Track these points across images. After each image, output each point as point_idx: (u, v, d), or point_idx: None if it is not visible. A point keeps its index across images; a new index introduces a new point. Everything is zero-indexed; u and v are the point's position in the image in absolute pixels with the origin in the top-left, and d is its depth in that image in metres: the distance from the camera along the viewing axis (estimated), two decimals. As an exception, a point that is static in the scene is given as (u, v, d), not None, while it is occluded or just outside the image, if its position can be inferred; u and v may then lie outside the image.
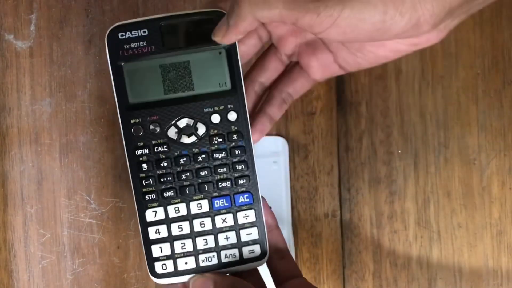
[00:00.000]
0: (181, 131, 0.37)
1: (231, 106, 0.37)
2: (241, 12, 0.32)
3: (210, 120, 0.37)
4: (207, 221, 0.38)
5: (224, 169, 0.38)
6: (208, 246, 0.38)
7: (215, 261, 0.38)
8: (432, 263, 0.52)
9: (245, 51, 0.38)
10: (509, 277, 0.52)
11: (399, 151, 0.52)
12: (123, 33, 0.36)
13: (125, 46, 0.36)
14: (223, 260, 0.38)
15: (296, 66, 0.40)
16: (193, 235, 0.38)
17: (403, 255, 0.52)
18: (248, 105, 0.39)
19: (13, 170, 0.50)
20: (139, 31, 0.36)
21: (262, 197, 0.39)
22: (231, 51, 0.37)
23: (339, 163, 0.52)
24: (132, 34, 0.36)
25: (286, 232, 0.51)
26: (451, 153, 0.52)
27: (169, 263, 0.38)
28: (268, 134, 0.41)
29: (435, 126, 0.52)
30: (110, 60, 0.37)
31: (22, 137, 0.50)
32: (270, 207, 0.41)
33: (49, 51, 0.50)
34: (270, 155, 0.51)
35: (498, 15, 0.52)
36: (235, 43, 0.37)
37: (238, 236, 0.38)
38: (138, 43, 0.36)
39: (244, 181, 0.38)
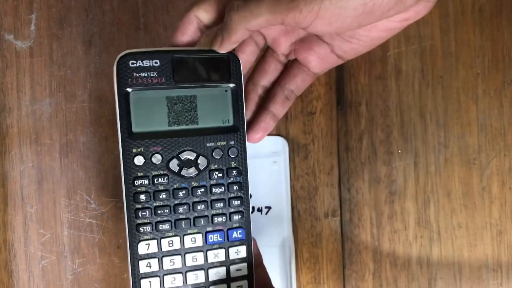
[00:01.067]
0: (182, 164, 0.37)
1: (233, 142, 0.38)
2: (232, 25, 0.35)
3: (212, 155, 0.38)
4: (200, 256, 0.38)
5: (220, 204, 0.38)
6: (198, 281, 0.38)
7: None
8: (432, 263, 0.52)
9: (246, 59, 0.40)
10: (509, 277, 0.52)
11: (399, 151, 0.52)
12: (135, 61, 0.36)
13: (134, 74, 0.36)
14: None
15: (296, 63, 0.41)
16: (184, 270, 0.38)
17: (403, 255, 0.52)
18: (251, 107, 0.39)
19: (13, 170, 0.50)
20: (151, 61, 0.36)
21: (253, 237, 0.39)
22: (236, 90, 0.38)
23: (339, 163, 0.52)
24: (143, 64, 0.36)
25: (286, 232, 0.51)
26: (451, 153, 0.52)
27: None
28: (268, 134, 0.41)
29: (435, 126, 0.52)
30: (117, 85, 0.36)
31: (22, 137, 0.50)
32: (269, 208, 0.41)
33: (49, 51, 0.50)
34: (270, 155, 0.51)
35: (498, 15, 0.52)
36: (241, 83, 0.38)
37: (228, 272, 0.38)
38: (148, 72, 0.36)
39: (239, 217, 0.38)
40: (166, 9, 0.51)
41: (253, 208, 0.50)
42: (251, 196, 0.40)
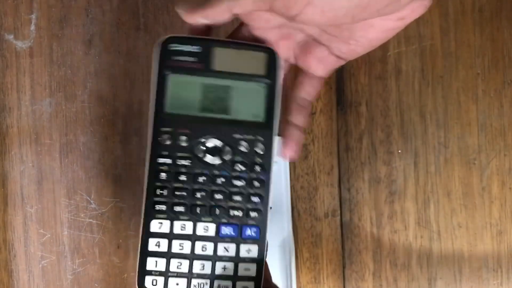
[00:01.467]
0: (207, 150, 0.37)
1: (261, 138, 0.38)
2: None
3: (238, 147, 0.37)
4: (210, 246, 0.37)
5: (239, 198, 0.37)
6: (204, 272, 0.37)
7: None
8: (432, 263, 0.52)
9: None
10: (509, 277, 0.52)
11: (399, 151, 0.52)
12: (177, 45, 0.37)
13: (175, 58, 0.37)
14: None
15: (299, 70, 0.40)
16: (191, 257, 0.37)
17: (403, 255, 0.52)
18: None
19: (13, 170, 0.50)
20: (192, 47, 0.37)
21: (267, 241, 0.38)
22: (273, 87, 0.38)
23: (339, 163, 0.52)
24: (185, 48, 0.37)
25: (286, 232, 0.51)
26: (451, 153, 0.52)
27: (160, 280, 0.37)
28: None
29: (435, 126, 0.52)
30: (159, 66, 0.37)
31: (22, 137, 0.50)
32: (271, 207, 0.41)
33: (49, 51, 0.50)
34: (270, 155, 0.51)
35: (498, 15, 0.52)
36: (278, 81, 0.38)
37: (235, 269, 0.37)
38: (188, 57, 0.37)
39: (256, 214, 0.38)
40: (166, 9, 0.51)
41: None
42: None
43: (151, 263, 0.37)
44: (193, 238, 0.37)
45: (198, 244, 0.37)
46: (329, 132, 0.52)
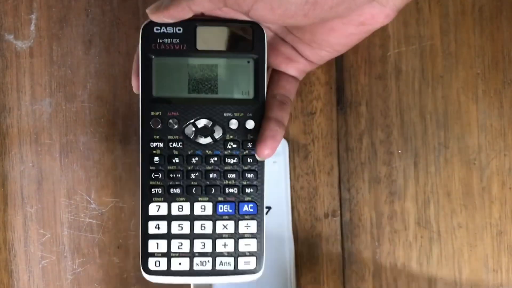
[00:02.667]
0: (198, 131, 0.37)
1: (250, 114, 0.38)
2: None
3: (228, 125, 0.38)
4: (208, 225, 0.38)
5: (233, 175, 0.38)
6: (205, 250, 0.38)
7: (209, 266, 0.38)
8: (432, 263, 0.52)
9: None
10: (509, 277, 0.52)
11: (399, 151, 0.52)
12: (159, 28, 0.37)
13: (158, 40, 0.37)
14: (217, 267, 0.38)
15: (273, 70, 0.40)
16: (191, 237, 0.38)
17: (403, 255, 0.52)
18: None
19: (13, 170, 0.50)
20: (174, 28, 0.37)
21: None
22: (259, 61, 0.38)
23: (339, 163, 0.52)
24: (167, 30, 0.37)
25: (286, 232, 0.51)
26: (451, 153, 0.52)
27: (163, 261, 0.38)
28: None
29: (435, 126, 0.52)
30: (141, 51, 0.37)
31: (22, 137, 0.50)
32: (269, 208, 0.41)
33: (49, 51, 0.50)
34: (270, 155, 0.51)
35: (498, 15, 0.52)
36: (264, 54, 0.38)
37: (236, 245, 0.38)
38: (171, 39, 0.37)
39: (251, 190, 0.38)
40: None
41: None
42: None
43: (153, 246, 0.37)
44: (191, 218, 0.38)
45: (197, 224, 0.38)
46: (329, 132, 0.52)
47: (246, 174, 0.38)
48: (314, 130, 0.52)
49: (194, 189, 0.38)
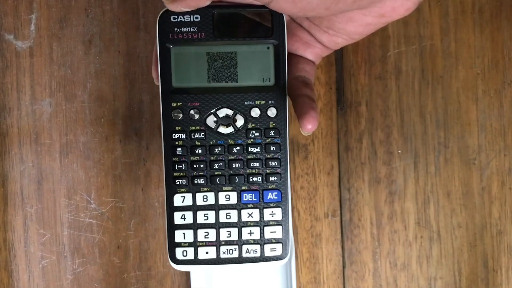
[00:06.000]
0: (219, 121, 0.37)
1: (272, 102, 0.37)
2: None
3: (250, 113, 0.37)
4: (233, 213, 0.38)
5: (256, 164, 0.38)
6: (231, 238, 0.38)
7: (236, 254, 0.38)
8: (432, 263, 0.52)
9: None
10: (509, 277, 0.52)
11: (399, 151, 0.52)
12: (176, 16, 0.36)
13: (175, 30, 0.36)
14: (244, 254, 0.38)
15: (291, 55, 0.40)
16: (217, 226, 0.38)
17: (403, 255, 0.52)
18: None
19: (13, 170, 0.50)
20: (191, 16, 0.36)
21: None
22: (279, 47, 0.37)
23: (339, 163, 0.52)
24: (184, 19, 0.36)
25: (286, 232, 0.51)
26: (451, 153, 0.52)
27: (190, 251, 0.38)
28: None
29: (435, 126, 0.52)
30: (159, 41, 0.36)
31: (22, 137, 0.50)
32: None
33: (49, 51, 0.50)
34: (270, 155, 0.51)
35: (498, 15, 0.52)
36: (284, 40, 0.37)
37: (262, 233, 0.38)
38: (189, 28, 0.36)
39: (275, 178, 0.38)
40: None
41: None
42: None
43: (179, 236, 0.38)
44: (216, 207, 0.38)
45: (222, 213, 0.38)
46: (329, 132, 0.52)
47: (270, 162, 0.38)
48: (314, 130, 0.51)
49: (218, 179, 0.37)
